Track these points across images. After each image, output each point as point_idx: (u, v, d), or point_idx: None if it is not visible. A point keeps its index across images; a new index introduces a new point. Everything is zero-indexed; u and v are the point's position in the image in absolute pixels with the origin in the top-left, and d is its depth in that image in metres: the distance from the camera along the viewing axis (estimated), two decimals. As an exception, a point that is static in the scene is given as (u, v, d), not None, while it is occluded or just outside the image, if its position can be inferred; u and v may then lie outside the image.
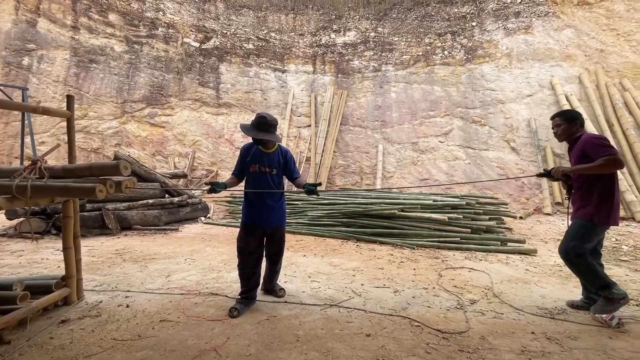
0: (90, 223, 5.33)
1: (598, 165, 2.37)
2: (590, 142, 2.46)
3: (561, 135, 2.70)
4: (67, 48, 10.14)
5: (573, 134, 2.64)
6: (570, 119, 2.65)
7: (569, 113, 2.72)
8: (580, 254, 2.45)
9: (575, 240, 2.48)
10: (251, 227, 2.70)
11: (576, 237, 2.48)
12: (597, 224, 2.45)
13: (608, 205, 2.44)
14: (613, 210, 2.45)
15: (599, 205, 2.44)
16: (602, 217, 2.44)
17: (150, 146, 10.02)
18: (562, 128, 2.67)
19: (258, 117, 2.67)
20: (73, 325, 2.32)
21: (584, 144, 2.49)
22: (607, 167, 2.37)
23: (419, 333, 2.29)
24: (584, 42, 8.39)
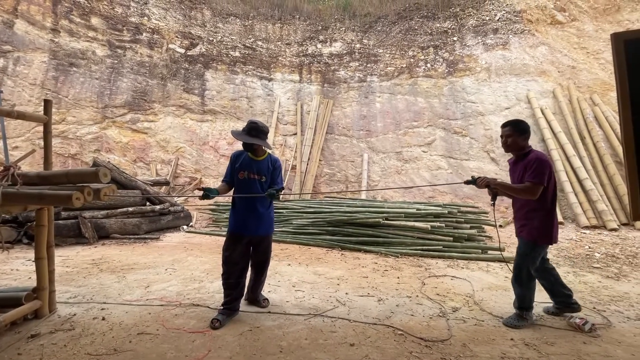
0: (66, 232, 5.12)
1: (517, 189, 2.48)
2: (535, 163, 2.43)
3: (510, 146, 2.62)
4: (45, 51, 9.84)
5: (522, 147, 2.59)
6: (522, 131, 2.59)
7: (521, 124, 2.62)
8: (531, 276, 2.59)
9: (527, 263, 2.57)
10: (238, 236, 2.67)
11: (527, 259, 2.57)
12: (541, 245, 2.54)
13: (549, 226, 2.51)
14: (554, 230, 2.54)
15: (540, 227, 2.51)
16: (545, 238, 2.52)
17: (132, 152, 9.78)
18: (512, 139, 2.59)
19: (249, 123, 2.69)
20: (43, 340, 2.21)
21: (532, 161, 2.45)
22: (523, 194, 2.47)
23: (402, 342, 2.30)
24: (557, 59, 8.84)
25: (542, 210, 2.51)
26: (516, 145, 2.60)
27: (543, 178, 2.41)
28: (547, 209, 2.51)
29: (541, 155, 2.52)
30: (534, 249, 2.55)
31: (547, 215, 2.51)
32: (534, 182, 2.41)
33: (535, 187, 2.41)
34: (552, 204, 2.53)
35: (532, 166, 2.44)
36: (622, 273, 3.99)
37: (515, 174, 2.65)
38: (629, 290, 3.42)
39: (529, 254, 2.57)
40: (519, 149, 2.61)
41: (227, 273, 2.65)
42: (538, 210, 2.52)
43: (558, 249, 5.25)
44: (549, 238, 2.53)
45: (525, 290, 2.59)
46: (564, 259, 4.68)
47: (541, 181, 2.40)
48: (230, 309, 2.63)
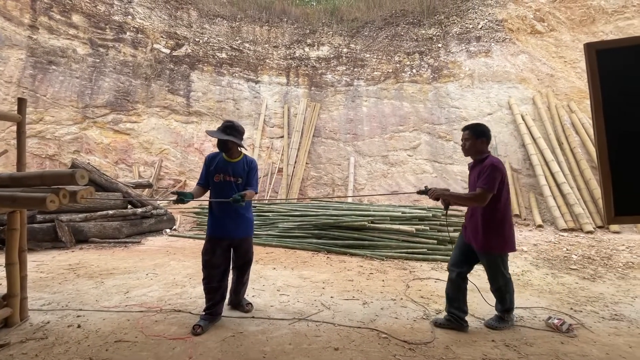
0: (41, 236, 4.92)
1: (466, 198, 2.46)
2: (488, 170, 2.40)
3: (468, 150, 2.61)
4: (23, 48, 9.49)
5: (479, 151, 2.56)
6: (479, 134, 2.55)
7: (479, 128, 2.60)
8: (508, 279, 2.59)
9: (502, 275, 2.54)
10: (217, 240, 2.62)
11: (499, 271, 2.54)
12: (497, 253, 2.51)
13: (506, 234, 2.48)
14: (511, 238, 2.52)
15: (503, 237, 2.47)
16: (501, 246, 2.49)
17: (114, 154, 9.52)
18: (470, 143, 2.57)
19: (225, 122, 2.70)
20: (13, 350, 2.11)
21: (487, 168, 2.43)
22: (472, 202, 2.43)
23: (387, 345, 2.31)
24: (537, 67, 9.16)
25: (495, 218, 2.46)
26: (474, 149, 2.58)
27: (494, 185, 2.37)
28: (502, 217, 2.47)
29: (496, 162, 2.46)
30: (497, 260, 2.52)
31: (502, 224, 2.47)
32: (484, 188, 2.36)
33: (484, 194, 2.36)
34: (504, 212, 2.48)
35: (485, 172, 2.40)
36: (597, 274, 4.14)
37: (471, 179, 2.63)
38: (604, 291, 3.54)
39: (495, 266, 2.53)
40: (476, 153, 2.59)
41: (208, 277, 2.59)
42: (490, 219, 2.46)
43: (537, 251, 5.40)
44: (507, 246, 2.50)
45: (504, 293, 2.59)
46: (543, 261, 4.81)
47: (491, 188, 2.36)
48: (213, 314, 2.57)
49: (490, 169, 2.39)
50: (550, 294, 3.43)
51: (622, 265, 4.48)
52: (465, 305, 2.61)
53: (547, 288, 3.63)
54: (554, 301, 3.23)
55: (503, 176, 2.44)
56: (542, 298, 3.31)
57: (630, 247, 5.29)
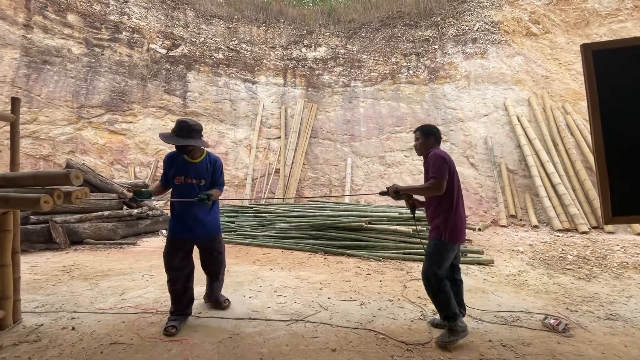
0: (35, 237, 4.87)
1: (423, 188, 2.43)
2: (431, 160, 2.44)
3: (419, 149, 2.66)
4: (17, 47, 9.40)
5: (429, 148, 2.60)
6: (426, 133, 2.62)
7: (426, 127, 2.69)
8: (439, 278, 2.38)
9: (434, 264, 2.40)
10: (179, 241, 2.52)
11: (432, 258, 2.43)
12: (446, 242, 2.40)
13: (453, 223, 2.42)
14: (458, 227, 2.43)
15: (445, 223, 2.42)
16: (449, 235, 2.40)
17: (109, 154, 9.44)
18: (420, 142, 2.64)
19: (178, 123, 2.44)
20: (6, 353, 2.07)
21: (429, 159, 2.47)
22: (429, 191, 2.41)
23: (384, 346, 2.30)
24: (532, 68, 9.23)
25: (445, 207, 2.45)
26: (423, 148, 2.63)
27: (442, 171, 2.36)
28: (450, 205, 2.44)
29: (437, 151, 2.49)
30: (439, 247, 2.42)
31: (450, 212, 2.43)
32: (434, 176, 2.36)
33: (437, 182, 2.35)
34: (455, 200, 2.45)
35: (430, 163, 2.43)
36: (592, 274, 4.17)
37: (425, 175, 2.62)
38: (599, 290, 3.56)
39: (435, 253, 2.43)
40: (426, 150, 2.62)
41: (173, 280, 2.50)
42: (441, 208, 2.46)
43: (533, 251, 5.43)
44: (453, 236, 2.40)
45: (440, 297, 2.36)
46: (539, 261, 4.84)
47: (440, 174, 2.35)
48: (183, 314, 2.53)
49: (433, 158, 2.43)
50: (546, 294, 3.45)
51: (616, 265, 4.52)
52: (462, 308, 2.59)
53: (543, 288, 3.65)
54: (550, 301, 3.24)
55: (448, 163, 2.44)
56: (538, 298, 3.33)
57: (625, 247, 5.34)
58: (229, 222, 6.54)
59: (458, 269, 2.68)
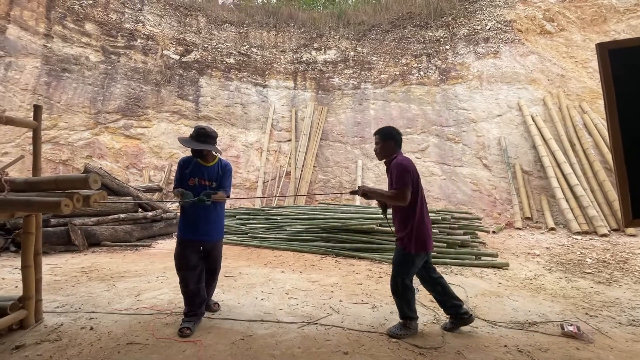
0: (55, 239, 5.03)
1: (387, 196, 2.40)
2: (394, 170, 2.41)
3: (379, 154, 2.62)
4: (38, 56, 9.77)
5: (389, 153, 2.56)
6: (385, 137, 2.57)
7: (385, 130, 2.61)
8: (406, 285, 2.46)
9: (401, 273, 2.46)
10: (189, 242, 2.63)
11: (400, 268, 2.46)
12: (413, 254, 2.42)
13: (417, 234, 2.41)
14: (423, 237, 2.43)
15: (409, 235, 2.41)
16: (415, 247, 2.40)
17: (125, 158, 9.69)
18: (380, 146, 2.59)
19: (197, 129, 2.66)
20: (28, 351, 2.15)
21: (392, 168, 2.44)
22: (392, 200, 2.39)
23: (397, 349, 2.28)
24: (547, 67, 9.03)
25: (409, 217, 2.43)
26: (384, 152, 2.58)
27: (404, 182, 2.34)
28: (413, 216, 2.42)
29: (400, 160, 2.45)
30: (406, 258, 2.44)
31: (413, 222, 2.41)
32: (397, 187, 2.34)
33: (400, 193, 2.33)
34: (419, 210, 2.43)
35: (393, 173, 2.41)
36: (613, 278, 4.03)
37: (388, 181, 2.60)
38: (620, 295, 3.45)
39: (403, 264, 2.46)
40: (386, 155, 2.58)
41: (185, 281, 2.58)
42: (405, 218, 2.45)
43: (550, 254, 5.29)
44: (419, 247, 2.41)
45: (402, 301, 2.49)
46: (557, 265, 4.71)
47: (403, 185, 2.33)
48: (197, 315, 2.59)
49: (396, 168, 2.40)
50: (564, 299, 3.36)
51: (639, 269, 4.36)
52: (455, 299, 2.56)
53: (561, 292, 3.55)
54: (568, 306, 3.15)
55: (412, 172, 2.41)
56: (555, 303, 3.24)
57: (648, 251, 5.15)
58: (241, 225, 6.60)
59: (433, 268, 2.65)
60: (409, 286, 2.48)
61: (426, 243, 2.44)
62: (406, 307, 2.49)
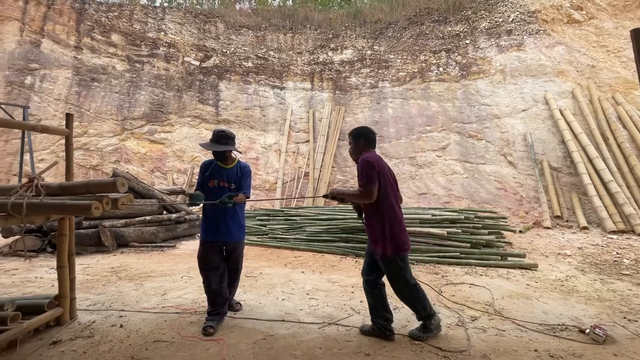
0: (87, 240, 5.28)
1: (353, 195, 2.31)
2: (359, 167, 2.34)
3: (352, 154, 2.57)
4: (69, 67, 10.32)
5: (359, 152, 2.49)
6: (355, 137, 2.53)
7: (356, 130, 2.58)
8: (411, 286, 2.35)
9: (399, 281, 2.35)
10: (211, 243, 2.70)
11: (393, 279, 2.36)
12: (394, 257, 2.31)
13: (390, 233, 2.30)
14: (399, 237, 2.31)
15: (382, 235, 2.31)
16: (392, 248, 2.29)
17: (149, 162, 10.05)
18: (351, 146, 2.56)
19: (216, 132, 2.75)
20: (64, 347, 2.26)
21: (358, 165, 2.37)
22: (358, 198, 2.29)
23: (419, 352, 2.23)
24: (575, 58, 8.59)
25: (380, 216, 2.32)
26: (355, 152, 2.53)
27: (369, 178, 2.25)
28: (385, 214, 2.32)
29: (366, 156, 2.36)
30: (392, 265, 2.33)
31: (385, 221, 2.31)
32: (362, 184, 2.26)
33: (365, 190, 2.24)
34: (390, 208, 2.31)
35: (358, 170, 2.34)
36: (654, 280, 3.77)
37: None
38: (663, 298, 3.22)
39: (393, 274, 2.34)
40: (357, 155, 2.51)
41: (208, 280, 2.66)
42: (376, 217, 2.34)
43: (583, 255, 5.02)
44: (397, 247, 2.30)
45: (414, 302, 2.38)
46: (590, 266, 4.47)
47: (368, 182, 2.24)
48: (220, 314, 2.64)
49: (361, 165, 2.33)
50: (599, 302, 3.17)
51: (683, 271, 4.06)
52: (387, 312, 2.44)
53: (596, 295, 3.36)
54: (604, 309, 2.98)
55: (380, 170, 2.30)
56: (590, 306, 3.07)
57: (693, 251, 4.78)
58: (261, 226, 6.69)
59: (382, 274, 2.50)
60: (413, 284, 2.37)
61: (402, 243, 2.32)
62: (420, 307, 2.39)
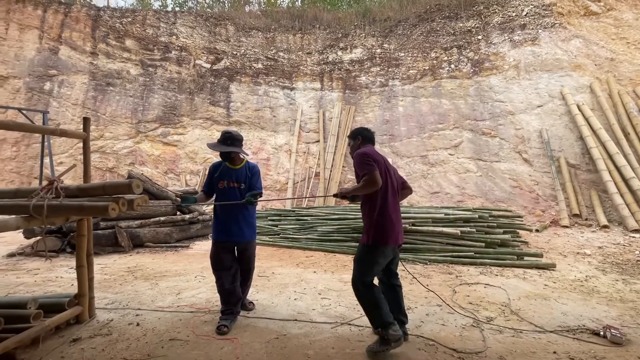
0: (104, 241, 5.42)
1: (360, 187, 2.27)
2: (355, 161, 2.34)
3: (352, 154, 2.58)
4: (86, 73, 10.62)
5: (356, 149, 2.53)
6: (352, 137, 2.61)
7: (353, 131, 2.67)
8: (367, 285, 2.22)
9: (359, 270, 2.25)
10: (223, 244, 2.72)
11: (358, 264, 2.27)
12: (370, 244, 2.24)
13: (376, 224, 2.24)
14: (383, 228, 2.23)
15: (371, 226, 2.26)
16: (372, 236, 2.23)
17: (163, 164, 10.25)
18: (351, 147, 2.62)
19: (223, 133, 2.77)
20: (84, 344, 2.33)
21: (354, 160, 2.37)
22: (365, 189, 2.25)
23: (434, 352, 2.20)
24: (593, 51, 8.33)
25: (370, 209, 2.30)
26: (352, 150, 2.60)
27: (368, 167, 2.22)
28: (374, 207, 2.28)
29: (359, 150, 2.41)
30: (364, 251, 2.27)
31: (373, 213, 2.27)
32: (364, 173, 2.22)
33: (369, 177, 2.19)
34: (381, 200, 2.27)
35: (355, 164, 2.35)
36: (680, 281, 3.62)
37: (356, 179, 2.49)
38: (690, 299, 3.09)
39: (360, 259, 2.28)
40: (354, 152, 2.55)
41: (221, 279, 2.70)
42: (366, 210, 2.34)
43: (603, 254, 4.86)
44: (377, 236, 2.22)
45: (370, 307, 2.21)
46: (611, 265, 4.32)
47: (368, 171, 2.20)
48: (233, 313, 2.68)
49: (355, 158, 2.35)
50: (621, 303, 3.07)
51: None
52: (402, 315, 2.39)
53: (618, 296, 3.25)
54: (627, 310, 2.88)
55: (373, 157, 2.29)
56: (611, 307, 2.97)
57: None
58: (272, 226, 6.73)
59: (395, 274, 2.49)
60: (372, 286, 2.24)
61: (385, 235, 2.23)
62: (376, 313, 2.18)
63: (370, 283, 2.24)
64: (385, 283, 2.47)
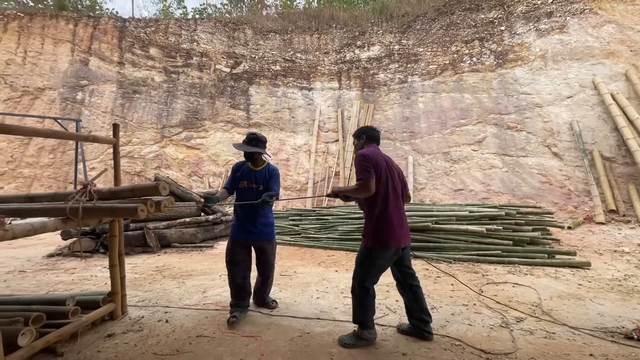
0: (134, 241, 5.66)
1: (352, 191, 2.26)
2: (355, 162, 2.31)
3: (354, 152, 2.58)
4: (114, 82, 11.13)
5: (359, 149, 2.51)
6: (356, 136, 2.59)
7: (356, 131, 2.63)
8: (364, 288, 2.26)
9: (360, 274, 2.27)
10: (238, 241, 2.85)
11: (359, 267, 2.29)
12: (370, 246, 2.22)
13: (376, 225, 2.21)
14: (385, 230, 2.20)
15: (368, 227, 2.25)
16: (372, 238, 2.21)
17: (187, 167, 10.58)
18: (356, 146, 2.61)
19: (248, 135, 2.91)
20: (118, 340, 2.44)
21: (354, 161, 2.38)
22: (358, 193, 2.23)
23: (460, 353, 2.15)
24: (628, 36, 7.82)
25: (371, 209, 2.27)
26: (356, 149, 2.59)
27: (366, 171, 2.20)
28: (375, 207, 2.25)
29: (360, 151, 2.37)
30: (365, 254, 2.26)
31: (374, 214, 2.24)
32: (360, 178, 2.21)
33: (363, 183, 2.18)
34: (382, 202, 2.24)
35: (355, 165, 2.32)
36: None
37: None
38: None
39: (362, 261, 2.28)
40: None
41: (233, 273, 2.82)
42: (367, 211, 2.31)
43: (644, 252, 4.55)
44: (378, 239, 2.20)
45: (358, 304, 2.30)
46: (653, 264, 4.04)
47: (365, 176, 2.19)
48: (242, 306, 2.80)
49: (357, 159, 2.32)
50: (666, 303, 2.86)
51: None
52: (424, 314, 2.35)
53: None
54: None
55: (375, 162, 2.24)
56: (654, 308, 2.78)
57: None
58: (294, 225, 6.79)
59: (411, 275, 2.42)
60: (369, 290, 2.30)
61: (386, 238, 2.21)
62: (360, 312, 2.30)
63: (369, 287, 2.30)
64: (402, 283, 2.46)
